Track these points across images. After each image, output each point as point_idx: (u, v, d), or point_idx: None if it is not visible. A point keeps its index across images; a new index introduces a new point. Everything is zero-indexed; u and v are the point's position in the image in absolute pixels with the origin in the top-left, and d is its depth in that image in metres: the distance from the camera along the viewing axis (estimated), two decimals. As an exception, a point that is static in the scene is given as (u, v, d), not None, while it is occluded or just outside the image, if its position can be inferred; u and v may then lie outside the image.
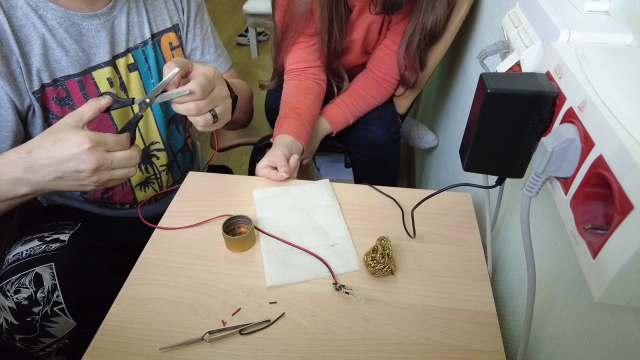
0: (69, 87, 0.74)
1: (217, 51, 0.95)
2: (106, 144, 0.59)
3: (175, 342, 0.56)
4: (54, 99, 0.73)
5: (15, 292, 0.67)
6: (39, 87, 0.71)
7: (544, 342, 0.54)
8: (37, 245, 0.74)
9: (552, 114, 0.42)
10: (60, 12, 0.70)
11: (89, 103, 0.62)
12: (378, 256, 0.63)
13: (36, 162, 0.59)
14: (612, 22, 0.43)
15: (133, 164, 0.63)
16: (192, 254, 0.69)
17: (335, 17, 0.97)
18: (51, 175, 0.59)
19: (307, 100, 1.01)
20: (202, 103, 0.66)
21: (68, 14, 0.71)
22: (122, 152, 0.61)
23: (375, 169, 1.17)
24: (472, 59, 1.01)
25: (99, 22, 0.75)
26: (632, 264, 0.29)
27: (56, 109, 0.74)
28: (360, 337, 0.58)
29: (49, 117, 0.74)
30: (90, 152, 0.58)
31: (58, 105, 0.74)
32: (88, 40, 0.74)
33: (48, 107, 0.73)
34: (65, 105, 0.75)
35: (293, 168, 0.85)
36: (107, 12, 0.75)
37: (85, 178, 0.60)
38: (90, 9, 0.73)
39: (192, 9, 0.89)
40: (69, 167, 0.58)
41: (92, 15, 0.73)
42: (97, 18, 0.74)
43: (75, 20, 0.72)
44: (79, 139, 0.57)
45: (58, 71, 0.72)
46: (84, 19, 0.73)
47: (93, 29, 0.74)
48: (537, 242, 0.57)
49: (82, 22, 0.73)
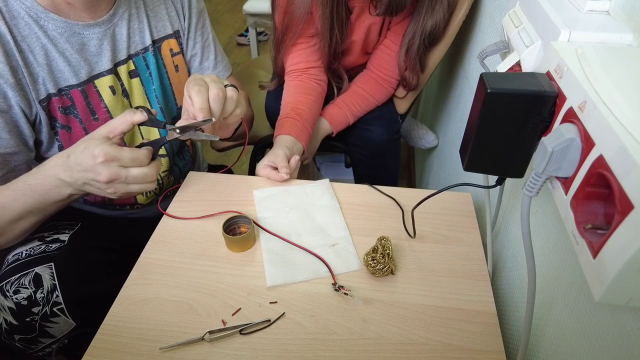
0: (74, 96, 0.74)
1: (216, 58, 0.95)
2: (120, 160, 0.61)
3: (176, 342, 0.56)
4: (59, 108, 0.73)
5: (14, 292, 0.67)
6: (45, 96, 0.71)
7: (544, 342, 0.54)
8: (37, 245, 0.74)
9: (553, 114, 0.42)
10: (61, 22, 0.69)
11: (123, 116, 0.64)
12: (378, 256, 0.63)
13: (71, 166, 0.63)
14: (612, 22, 0.43)
15: (148, 181, 0.65)
16: (192, 254, 0.69)
17: (336, 19, 0.97)
18: (80, 180, 0.63)
19: (308, 100, 1.01)
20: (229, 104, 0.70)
21: (69, 24, 0.70)
22: (138, 169, 0.63)
23: (375, 168, 1.17)
24: (472, 58, 1.01)
25: (100, 30, 0.74)
26: (632, 264, 0.29)
27: (61, 118, 0.74)
28: (360, 337, 0.58)
29: (55, 125, 0.74)
30: (103, 165, 0.60)
31: (63, 115, 0.74)
32: (90, 49, 0.74)
33: (54, 116, 0.73)
34: (70, 114, 0.75)
35: (293, 168, 0.85)
36: (108, 20, 0.75)
37: (103, 189, 0.63)
38: (92, 18, 0.73)
39: (193, 16, 0.89)
40: (87, 176, 0.62)
41: (93, 24, 0.73)
42: (98, 26, 0.74)
43: (77, 30, 0.71)
44: (96, 151, 0.60)
45: (62, 81, 0.72)
46: (85, 28, 0.72)
47: (94, 37, 0.74)
48: (537, 242, 0.57)
49: (83, 31, 0.72)
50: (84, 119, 0.76)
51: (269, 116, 1.25)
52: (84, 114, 0.76)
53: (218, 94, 0.66)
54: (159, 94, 0.85)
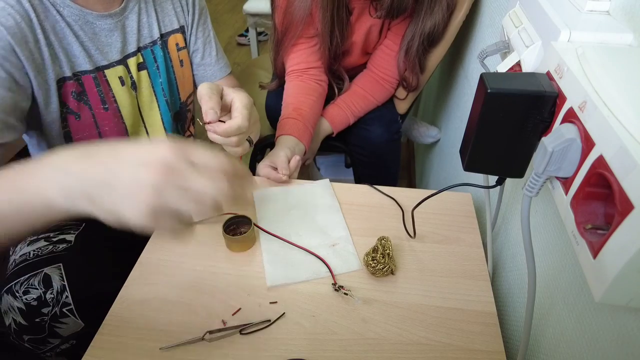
0: (85, 82, 0.75)
1: (217, 55, 0.96)
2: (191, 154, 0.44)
3: (176, 342, 0.56)
4: (72, 93, 0.74)
5: (24, 293, 0.67)
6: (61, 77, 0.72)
7: (544, 342, 0.53)
8: (44, 246, 0.74)
9: (553, 114, 0.42)
10: (77, 9, 0.71)
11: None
12: (378, 256, 0.63)
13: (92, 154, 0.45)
14: (612, 22, 0.43)
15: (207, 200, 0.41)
16: (192, 254, 0.69)
17: (336, 20, 0.97)
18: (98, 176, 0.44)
19: (309, 101, 1.01)
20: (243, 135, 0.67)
21: (83, 12, 0.72)
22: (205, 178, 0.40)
23: (375, 168, 1.17)
24: (473, 58, 1.01)
25: (112, 22, 0.76)
26: (632, 264, 0.29)
27: (72, 104, 0.75)
28: (360, 337, 0.58)
29: (64, 111, 0.74)
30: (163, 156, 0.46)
31: (75, 100, 0.75)
32: (101, 39, 0.76)
33: (65, 102, 0.74)
34: (81, 101, 0.76)
35: (294, 169, 0.85)
36: (119, 12, 0.77)
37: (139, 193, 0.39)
38: (105, 9, 0.75)
39: (196, 12, 0.91)
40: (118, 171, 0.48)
41: (105, 15, 0.75)
42: (111, 18, 0.76)
43: (90, 19, 0.73)
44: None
45: (77, 65, 0.74)
46: (97, 18, 0.74)
47: (106, 28, 0.76)
48: (538, 242, 0.57)
49: (96, 21, 0.74)
50: (94, 106, 0.77)
51: (270, 116, 1.25)
52: (94, 101, 0.77)
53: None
54: (165, 87, 0.87)
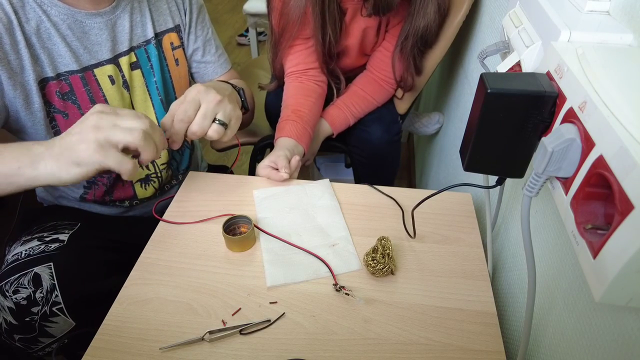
0: (73, 82, 0.75)
1: (217, 52, 0.98)
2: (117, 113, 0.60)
3: (176, 342, 0.56)
4: (57, 93, 0.74)
5: (14, 292, 0.67)
6: (43, 77, 0.72)
7: (544, 342, 0.54)
8: (37, 245, 0.74)
9: (553, 114, 0.42)
10: (65, 9, 0.71)
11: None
12: (378, 256, 0.63)
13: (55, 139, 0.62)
14: (612, 22, 0.43)
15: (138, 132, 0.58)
16: (192, 254, 0.69)
17: (328, 17, 0.97)
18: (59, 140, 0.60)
19: (308, 102, 1.01)
20: (194, 124, 0.68)
21: (72, 12, 0.72)
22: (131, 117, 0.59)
23: (375, 169, 1.17)
24: (473, 59, 1.01)
25: (102, 20, 0.76)
26: (632, 264, 0.29)
27: (58, 103, 0.75)
28: (361, 337, 0.58)
29: (51, 111, 0.75)
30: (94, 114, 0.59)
31: (61, 100, 0.75)
32: (90, 38, 0.76)
33: (50, 101, 0.74)
34: (67, 100, 0.75)
35: (294, 169, 0.85)
36: (110, 11, 0.77)
37: (84, 133, 0.57)
38: (94, 8, 0.75)
39: (194, 11, 0.91)
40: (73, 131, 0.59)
41: (95, 14, 0.75)
42: (100, 17, 0.76)
43: (79, 18, 0.73)
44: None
45: (62, 65, 0.73)
46: (87, 17, 0.74)
47: (96, 27, 0.76)
48: (538, 242, 0.57)
49: (86, 20, 0.74)
50: (83, 105, 0.77)
51: (269, 116, 1.25)
52: (82, 100, 0.77)
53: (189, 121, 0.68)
54: (160, 86, 0.87)
